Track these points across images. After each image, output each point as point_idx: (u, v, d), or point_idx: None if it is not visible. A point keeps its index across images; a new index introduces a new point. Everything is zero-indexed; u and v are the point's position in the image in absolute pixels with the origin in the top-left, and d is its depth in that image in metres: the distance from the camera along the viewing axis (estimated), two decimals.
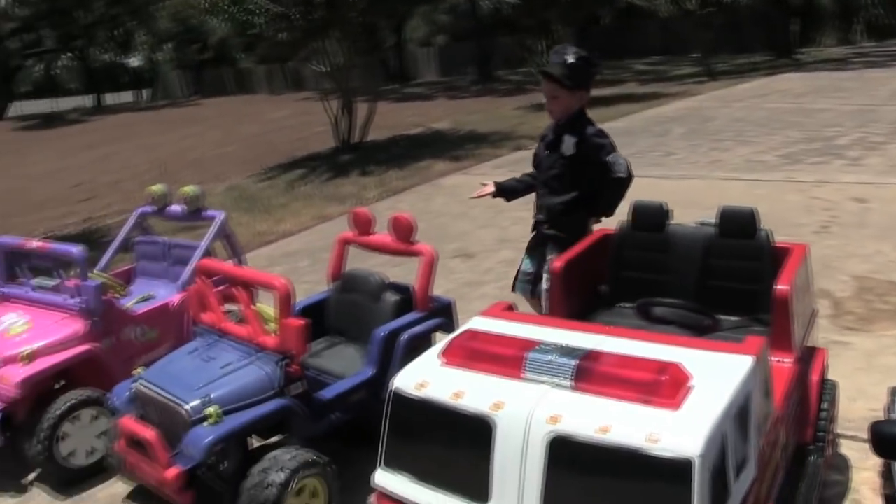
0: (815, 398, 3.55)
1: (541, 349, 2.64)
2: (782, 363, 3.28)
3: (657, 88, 23.90)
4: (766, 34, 35.05)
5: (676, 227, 4.19)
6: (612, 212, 4.55)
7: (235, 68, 58.58)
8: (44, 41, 56.22)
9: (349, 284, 4.82)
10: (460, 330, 3.03)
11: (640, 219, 4.24)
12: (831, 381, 3.84)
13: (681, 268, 4.09)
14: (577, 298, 4.05)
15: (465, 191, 4.92)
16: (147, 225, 6.37)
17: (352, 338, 4.76)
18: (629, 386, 2.43)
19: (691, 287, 3.99)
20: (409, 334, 4.32)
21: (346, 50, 17.00)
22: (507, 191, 4.82)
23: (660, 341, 2.84)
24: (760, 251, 3.90)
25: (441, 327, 4.48)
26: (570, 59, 4.36)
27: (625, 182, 4.40)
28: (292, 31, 15.92)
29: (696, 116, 17.08)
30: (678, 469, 2.20)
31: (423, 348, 3.13)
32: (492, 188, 4.80)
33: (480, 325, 3.07)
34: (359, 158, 15.83)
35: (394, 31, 44.03)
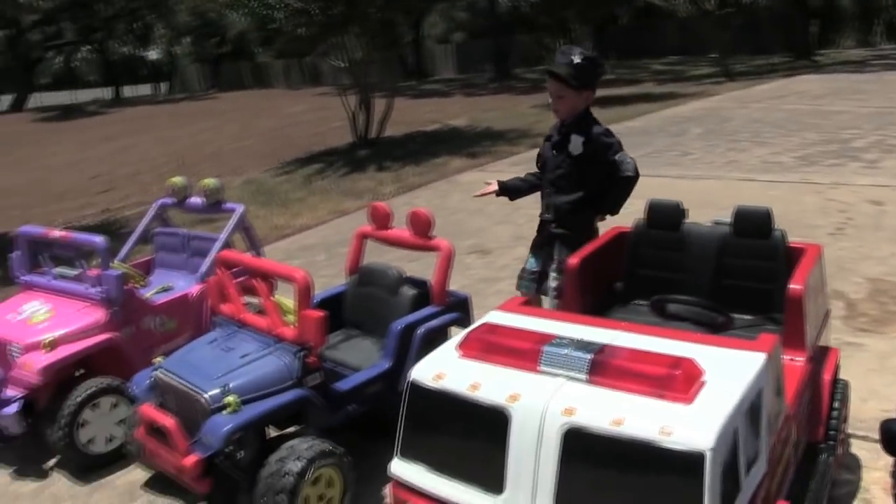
0: (826, 397, 3.56)
1: (557, 343, 2.67)
2: (795, 362, 3.30)
3: (674, 88, 23.82)
4: (784, 35, 34.92)
5: (692, 226, 4.21)
6: (617, 210, 4.58)
7: (253, 62, 58.69)
8: (64, 33, 56.49)
9: (367, 278, 4.84)
10: (477, 323, 3.07)
11: (655, 217, 4.26)
12: (843, 380, 3.85)
13: (695, 266, 4.11)
14: (591, 295, 4.08)
15: (481, 188, 4.95)
16: (166, 217, 6.42)
17: (368, 331, 4.78)
18: (643, 380, 2.46)
19: (706, 285, 4.01)
20: (425, 328, 4.35)
21: (364, 45, 17.01)
22: (510, 190, 4.85)
23: (673, 337, 2.87)
24: (775, 251, 3.91)
25: (457, 322, 4.50)
26: (577, 60, 4.38)
27: (632, 181, 4.44)
28: (311, 27, 15.92)
29: (713, 117, 17.02)
30: (690, 462, 2.22)
31: (439, 342, 3.16)
32: (495, 187, 4.82)
33: (497, 318, 3.11)
34: (376, 154, 15.83)
35: (412, 28, 44.07)
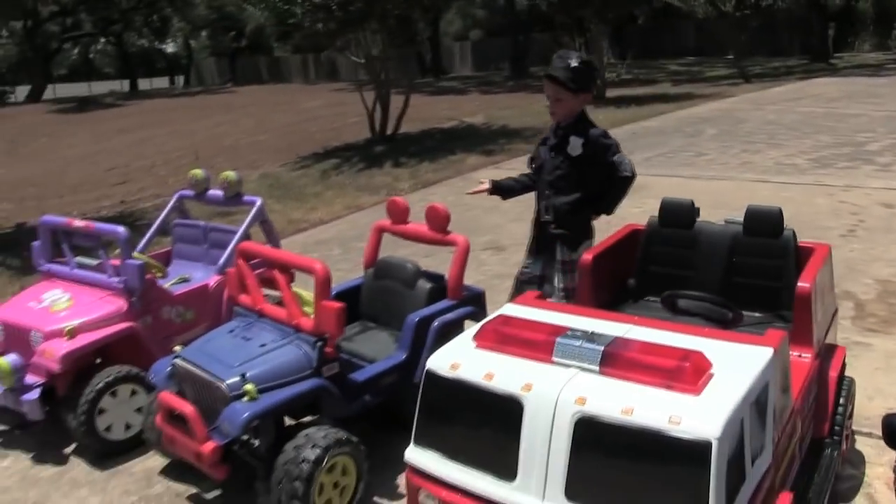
0: (832, 393, 3.62)
1: (570, 335, 2.73)
2: (802, 358, 3.36)
3: (690, 89, 23.83)
4: (802, 38, 34.84)
5: (704, 225, 4.27)
6: (613, 210, 4.66)
7: (270, 57, 58.82)
8: (82, 25, 56.68)
9: (383, 271, 4.90)
10: (492, 315, 3.14)
11: (668, 215, 4.32)
12: (849, 377, 3.90)
13: (707, 264, 4.17)
14: (604, 291, 4.14)
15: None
16: (185, 208, 6.49)
17: (384, 323, 4.84)
18: (653, 371, 2.52)
19: (717, 283, 4.07)
20: (441, 321, 4.41)
21: (381, 42, 17.07)
22: (503, 189, 4.90)
23: (683, 331, 2.94)
24: (785, 250, 3.97)
25: (472, 316, 4.55)
26: (574, 63, 4.49)
27: (630, 181, 4.52)
28: (330, 22, 15.98)
29: (728, 118, 17.04)
30: (697, 450, 2.29)
31: (454, 335, 3.19)
32: (488, 185, 4.86)
33: (512, 311, 3.19)
34: (392, 150, 15.89)
35: (429, 25, 44.10)
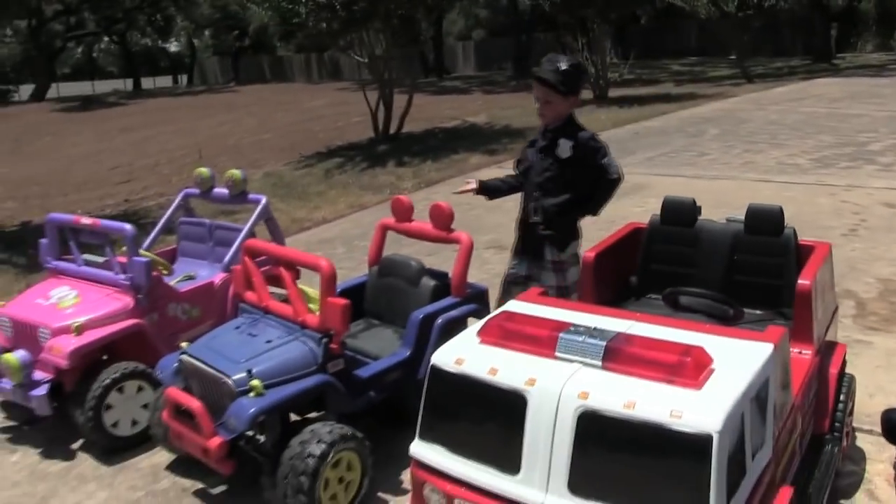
0: (832, 390, 3.65)
1: (573, 331, 2.77)
2: (802, 355, 3.39)
3: (693, 89, 23.84)
4: (804, 38, 34.82)
5: (705, 223, 4.31)
6: (599, 212, 4.72)
7: (273, 56, 58.83)
8: (86, 24, 56.72)
9: (388, 269, 4.94)
10: (497, 311, 3.18)
11: (670, 214, 4.36)
12: (849, 374, 3.93)
13: (708, 262, 4.21)
14: (607, 289, 4.18)
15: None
16: (190, 207, 6.53)
17: (388, 320, 4.88)
18: (655, 366, 2.55)
19: (718, 281, 4.10)
20: (444, 318, 4.45)
21: (385, 41, 17.09)
22: (490, 189, 4.95)
23: (685, 327, 2.98)
24: (786, 248, 4.01)
25: (475, 313, 4.58)
26: (563, 66, 4.50)
27: (617, 184, 4.59)
28: (333, 21, 15.99)
29: (730, 118, 17.06)
30: (698, 444, 2.32)
31: (457, 332, 3.22)
32: (475, 185, 4.91)
33: (516, 307, 3.22)
34: (395, 149, 15.92)
35: (433, 25, 44.13)
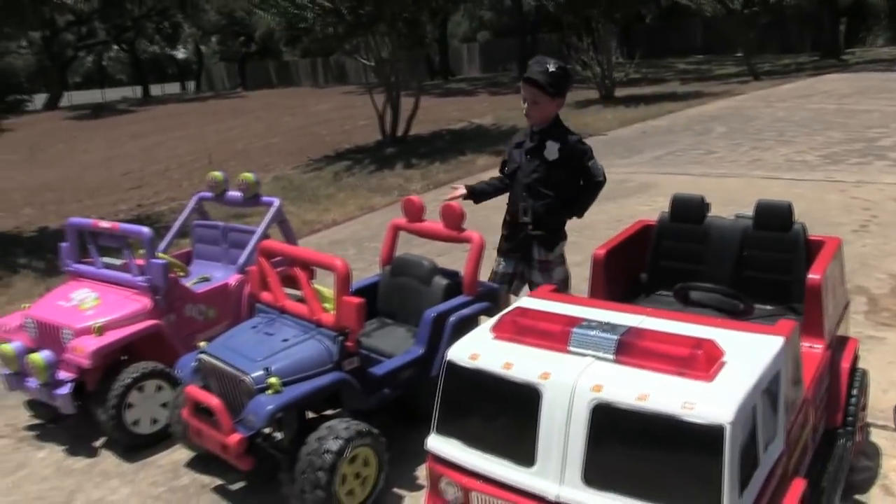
0: (844, 384, 3.66)
1: (585, 325, 2.81)
2: (813, 349, 3.42)
3: (699, 87, 23.82)
4: (812, 34, 34.73)
5: (714, 220, 4.35)
6: (583, 213, 4.87)
7: (279, 61, 59.02)
8: (96, 33, 57.02)
9: (400, 268, 4.99)
10: (510, 307, 3.23)
11: (679, 211, 4.40)
12: (861, 369, 3.94)
13: (718, 258, 4.24)
14: (617, 286, 4.21)
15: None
16: (204, 210, 6.60)
17: (401, 319, 4.93)
18: (667, 359, 2.59)
19: (727, 277, 4.14)
20: (457, 316, 4.49)
21: (391, 44, 17.15)
22: (477, 193, 5.06)
23: (696, 321, 3.02)
24: (795, 244, 4.04)
25: (487, 311, 4.61)
26: (552, 68, 4.60)
27: (601, 186, 4.77)
28: (340, 26, 16.05)
29: (737, 116, 17.04)
30: (710, 435, 2.35)
31: (469, 330, 3.28)
32: (463, 191, 5.03)
33: (529, 303, 3.27)
34: (403, 151, 15.97)
35: (438, 27, 44.22)
